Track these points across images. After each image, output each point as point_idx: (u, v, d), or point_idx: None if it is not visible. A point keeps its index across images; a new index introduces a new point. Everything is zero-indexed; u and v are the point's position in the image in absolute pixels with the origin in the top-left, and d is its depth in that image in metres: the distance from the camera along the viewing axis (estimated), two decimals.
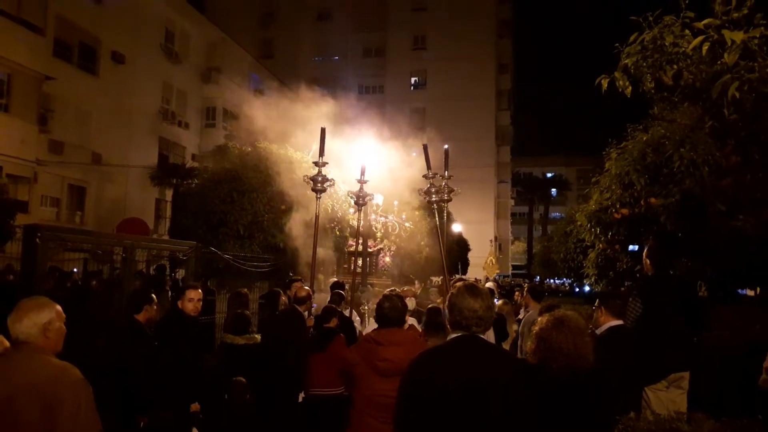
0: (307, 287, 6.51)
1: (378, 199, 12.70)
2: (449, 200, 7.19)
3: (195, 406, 4.83)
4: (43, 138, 19.44)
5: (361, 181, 8.09)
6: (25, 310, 2.69)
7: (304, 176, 7.28)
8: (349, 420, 3.69)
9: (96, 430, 2.64)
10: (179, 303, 5.19)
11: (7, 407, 2.50)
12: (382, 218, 12.88)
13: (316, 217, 7.22)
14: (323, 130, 7.03)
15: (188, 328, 5.04)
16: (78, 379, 2.64)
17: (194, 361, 4.94)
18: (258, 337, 6.36)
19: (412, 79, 47.08)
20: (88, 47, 21.94)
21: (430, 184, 7.39)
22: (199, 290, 5.38)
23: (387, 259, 13.54)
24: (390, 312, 3.76)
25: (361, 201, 8.16)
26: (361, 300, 7.82)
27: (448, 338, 2.67)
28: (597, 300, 4.44)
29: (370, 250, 12.64)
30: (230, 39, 30.61)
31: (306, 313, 6.49)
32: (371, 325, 5.28)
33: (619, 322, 4.23)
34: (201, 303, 5.32)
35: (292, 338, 5.98)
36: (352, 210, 8.60)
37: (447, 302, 2.73)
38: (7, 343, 2.92)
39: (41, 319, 2.69)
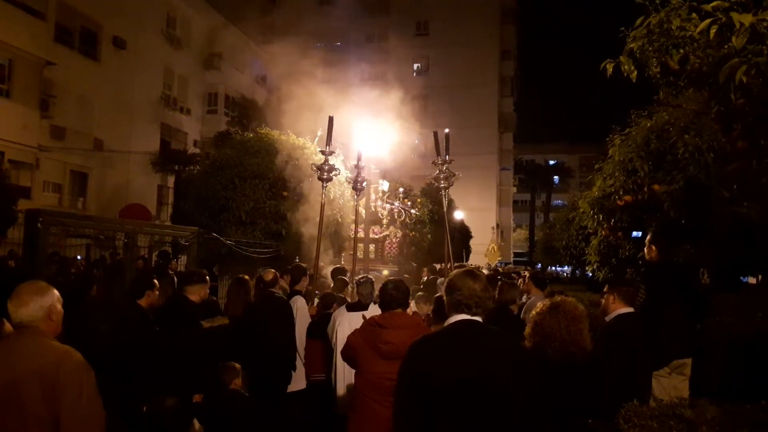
0: (273, 270, 6.44)
1: (384, 186, 12.67)
2: (450, 185, 7.19)
3: (197, 397, 4.78)
4: (44, 124, 19.44)
5: (359, 167, 8.08)
6: (30, 293, 2.69)
7: (312, 164, 7.28)
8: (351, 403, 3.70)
9: (98, 414, 2.64)
10: (193, 293, 5.02)
11: (13, 391, 2.51)
12: (388, 204, 12.85)
13: (322, 205, 7.20)
14: (331, 119, 6.99)
15: (191, 315, 4.99)
16: (80, 363, 2.64)
17: (195, 348, 4.89)
18: (225, 319, 6.38)
19: (415, 65, 46.81)
20: (90, 32, 21.87)
21: (439, 170, 7.39)
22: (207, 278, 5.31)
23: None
24: (394, 292, 3.76)
25: (359, 186, 8.14)
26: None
27: (447, 323, 2.60)
28: (606, 286, 4.33)
29: (376, 236, 12.64)
30: (232, 25, 30.44)
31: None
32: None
33: (630, 309, 4.17)
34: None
35: (269, 323, 5.91)
36: (357, 196, 8.56)
37: (445, 285, 2.69)
38: (9, 327, 2.92)
39: (46, 302, 2.70)
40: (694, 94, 5.56)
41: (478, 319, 2.55)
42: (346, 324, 4.91)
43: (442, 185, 7.33)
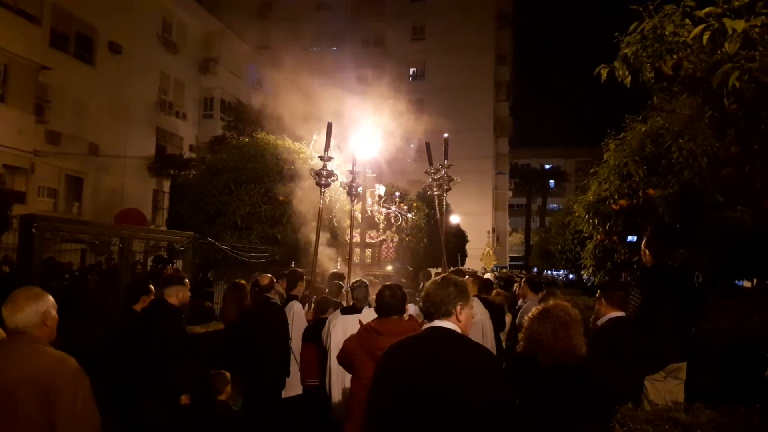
0: (269, 275, 6.46)
1: (380, 190, 12.68)
2: (449, 189, 7.22)
3: (185, 399, 4.73)
4: (40, 128, 19.39)
5: (354, 172, 8.10)
6: (25, 299, 2.69)
7: (310, 170, 7.30)
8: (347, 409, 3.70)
9: (94, 419, 2.64)
10: (171, 296, 4.99)
11: (7, 398, 2.51)
12: (385, 209, 12.85)
13: (320, 210, 7.21)
14: (329, 125, 7.01)
15: (172, 318, 4.93)
16: (75, 369, 2.64)
17: (179, 350, 4.85)
18: (220, 324, 6.38)
19: (411, 70, 46.88)
20: (85, 37, 21.84)
21: (432, 179, 7.44)
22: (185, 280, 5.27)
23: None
24: (390, 300, 3.76)
25: (354, 191, 8.16)
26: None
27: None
28: (598, 291, 4.42)
29: (372, 240, 12.63)
30: (228, 29, 30.45)
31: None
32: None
33: (621, 313, 4.21)
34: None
35: (264, 328, 5.88)
36: (352, 200, 8.59)
37: None
38: (3, 334, 2.91)
39: (41, 307, 2.70)
40: (688, 99, 5.58)
41: (445, 325, 2.55)
42: (340, 328, 4.93)
43: (435, 193, 7.39)
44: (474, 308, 2.93)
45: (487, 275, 13.89)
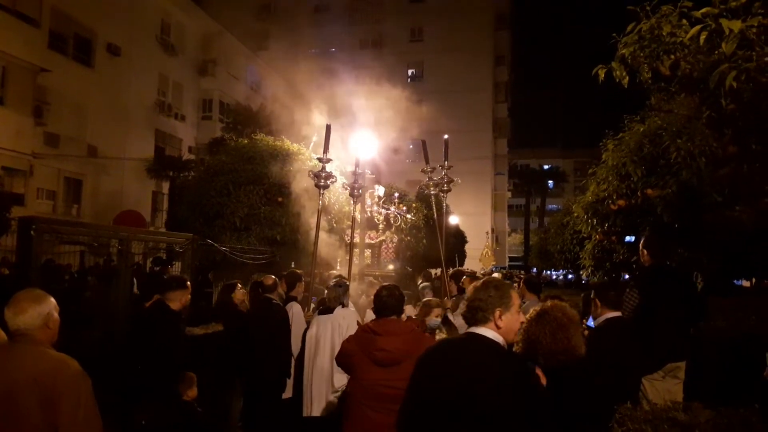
0: (273, 276, 6.50)
1: (379, 191, 12.71)
2: (449, 190, 7.22)
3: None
4: (38, 130, 19.38)
5: (356, 173, 8.10)
6: (27, 301, 2.69)
7: (309, 172, 7.31)
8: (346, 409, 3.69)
9: (96, 422, 2.64)
10: (173, 300, 4.95)
11: (9, 400, 2.51)
12: (384, 209, 12.87)
13: (318, 212, 7.22)
14: (328, 127, 7.02)
15: (173, 322, 4.90)
16: (78, 372, 2.64)
17: (181, 355, 4.82)
18: (218, 326, 6.40)
19: (409, 71, 46.90)
20: (84, 39, 21.84)
21: (429, 178, 7.46)
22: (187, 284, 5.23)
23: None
24: (388, 300, 3.76)
25: (356, 192, 8.17)
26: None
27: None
28: (592, 292, 4.45)
29: (372, 241, 12.65)
30: (227, 31, 30.45)
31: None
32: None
33: (617, 313, 4.23)
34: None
35: (266, 328, 5.91)
36: (353, 202, 8.59)
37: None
38: (5, 337, 2.91)
39: (43, 310, 2.70)
40: (686, 99, 5.60)
41: (479, 331, 2.52)
42: (314, 327, 5.22)
43: (432, 191, 7.41)
44: None
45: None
